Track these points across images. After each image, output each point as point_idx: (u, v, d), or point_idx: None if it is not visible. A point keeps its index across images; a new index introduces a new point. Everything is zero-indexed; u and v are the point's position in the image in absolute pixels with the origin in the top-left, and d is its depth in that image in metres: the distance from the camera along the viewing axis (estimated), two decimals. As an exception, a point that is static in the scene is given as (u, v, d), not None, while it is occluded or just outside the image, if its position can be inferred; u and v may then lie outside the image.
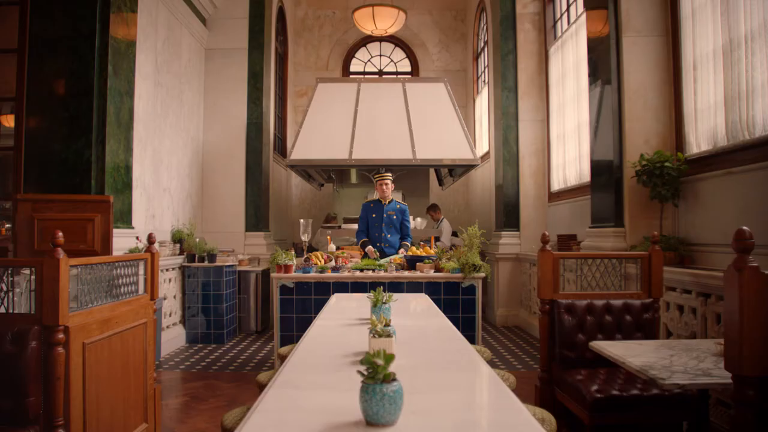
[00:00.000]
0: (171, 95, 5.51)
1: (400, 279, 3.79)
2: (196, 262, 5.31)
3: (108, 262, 2.37)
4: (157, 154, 5.19)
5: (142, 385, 2.60)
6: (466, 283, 3.74)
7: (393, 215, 4.60)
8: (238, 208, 6.39)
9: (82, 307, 2.15)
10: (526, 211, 6.34)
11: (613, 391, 2.38)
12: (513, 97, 6.38)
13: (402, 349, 1.71)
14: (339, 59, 9.25)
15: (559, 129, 5.88)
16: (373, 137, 5.72)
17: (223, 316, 5.31)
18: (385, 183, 4.56)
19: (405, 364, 1.53)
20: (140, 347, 2.59)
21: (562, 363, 2.76)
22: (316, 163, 5.66)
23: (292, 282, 3.78)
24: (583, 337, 2.76)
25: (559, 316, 2.79)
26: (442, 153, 5.57)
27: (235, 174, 6.40)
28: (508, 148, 6.39)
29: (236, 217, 6.38)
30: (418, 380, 1.41)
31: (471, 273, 3.70)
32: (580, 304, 2.81)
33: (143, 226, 4.78)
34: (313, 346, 1.82)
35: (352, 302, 3.01)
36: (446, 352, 1.78)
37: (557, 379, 2.75)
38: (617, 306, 2.81)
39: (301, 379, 1.43)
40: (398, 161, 5.53)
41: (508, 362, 4.52)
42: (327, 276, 3.79)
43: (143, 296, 2.66)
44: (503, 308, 6.37)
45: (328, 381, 1.41)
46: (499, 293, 6.38)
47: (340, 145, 5.60)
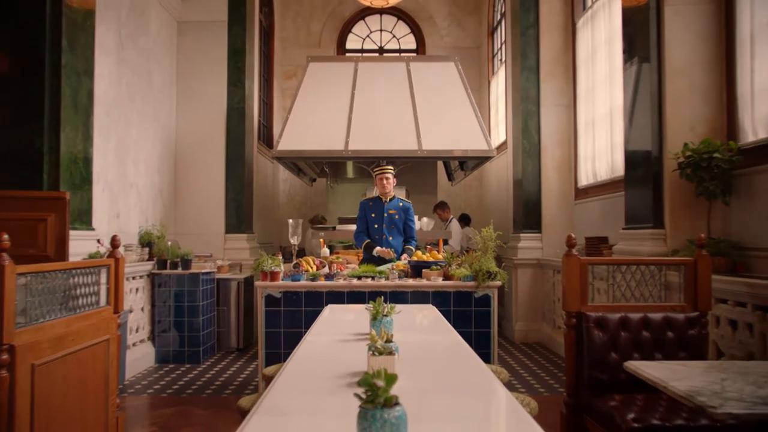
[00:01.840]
0: (138, 75, 5.51)
1: (403, 288, 3.79)
2: (168, 269, 5.31)
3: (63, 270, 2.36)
4: (122, 144, 5.18)
5: (103, 413, 2.58)
6: (479, 292, 3.74)
7: (395, 215, 4.60)
8: (217, 206, 6.39)
9: (32, 322, 2.14)
10: (548, 210, 6.33)
11: (653, 421, 2.36)
12: (534, 79, 6.37)
13: (406, 368, 1.71)
14: (333, 35, 9.25)
15: (587, 115, 5.87)
16: (372, 125, 5.72)
17: (199, 332, 5.30)
18: (386, 177, 4.57)
19: (409, 386, 1.53)
20: (101, 369, 2.57)
21: (592, 386, 2.74)
22: (306, 155, 5.66)
23: (279, 291, 3.78)
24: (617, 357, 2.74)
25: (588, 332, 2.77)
26: (452, 143, 5.57)
27: (213, 167, 6.40)
28: (529, 137, 6.38)
29: (215, 217, 6.38)
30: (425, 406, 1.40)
31: (485, 281, 3.70)
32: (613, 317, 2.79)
33: (106, 227, 4.77)
34: (304, 366, 1.82)
35: (348, 315, 3.00)
36: (457, 373, 1.78)
37: (586, 405, 2.73)
38: (657, 320, 2.79)
39: (290, 403, 1.43)
40: (401, 153, 5.54)
41: (528, 385, 4.50)
42: (320, 284, 3.79)
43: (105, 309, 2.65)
44: (523, 322, 6.36)
45: (321, 406, 1.41)
46: (517, 305, 6.38)
47: (335, 134, 5.60)
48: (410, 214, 4.69)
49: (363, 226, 4.64)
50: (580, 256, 2.84)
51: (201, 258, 5.66)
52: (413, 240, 4.70)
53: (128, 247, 4.98)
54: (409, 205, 4.71)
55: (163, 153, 6.11)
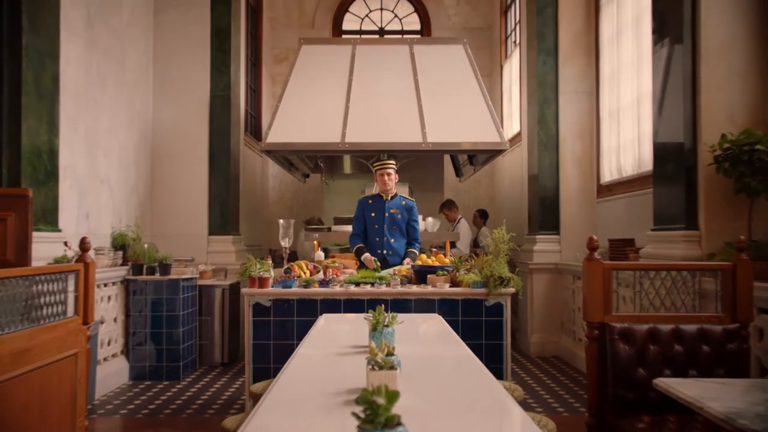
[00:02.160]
0: (110, 59, 5.51)
1: (406, 295, 3.80)
2: (145, 275, 5.31)
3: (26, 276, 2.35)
4: (92, 135, 5.18)
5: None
6: (490, 300, 3.76)
7: (397, 214, 4.61)
8: (200, 205, 6.40)
9: (-9, 332, 2.13)
10: (567, 209, 6.34)
11: (686, 444, 2.35)
12: (552, 63, 6.38)
13: (409, 385, 1.72)
14: (328, 14, 9.26)
15: (612, 103, 5.87)
16: (372, 115, 5.73)
17: (179, 345, 5.30)
18: (387, 173, 4.58)
19: (413, 405, 1.54)
20: (68, 386, 2.56)
21: (617, 406, 2.73)
22: (299, 148, 5.68)
23: (268, 299, 3.79)
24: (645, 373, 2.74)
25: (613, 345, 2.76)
26: (461, 135, 5.59)
27: (195, 161, 6.41)
28: (546, 128, 6.39)
29: (197, 217, 6.39)
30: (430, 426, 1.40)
31: (497, 288, 3.72)
32: (640, 329, 2.78)
33: (74, 228, 4.77)
34: (296, 382, 1.83)
35: (345, 325, 3.01)
36: (466, 390, 1.79)
37: (611, 426, 2.72)
38: (690, 332, 2.78)
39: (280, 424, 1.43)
40: (404, 145, 5.55)
41: (546, 403, 4.50)
42: (313, 291, 3.80)
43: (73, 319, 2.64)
44: (539, 334, 6.38)
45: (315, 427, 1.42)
46: (533, 314, 6.38)
47: (330, 125, 5.61)
48: (414, 214, 4.70)
49: (360, 227, 4.66)
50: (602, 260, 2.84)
51: (181, 262, 5.66)
52: (417, 242, 4.71)
53: (99, 250, 4.98)
54: (412, 204, 4.72)
55: (138, 145, 6.11)
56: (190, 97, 6.44)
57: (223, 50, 6.47)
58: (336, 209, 7.25)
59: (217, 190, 6.42)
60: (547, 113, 6.39)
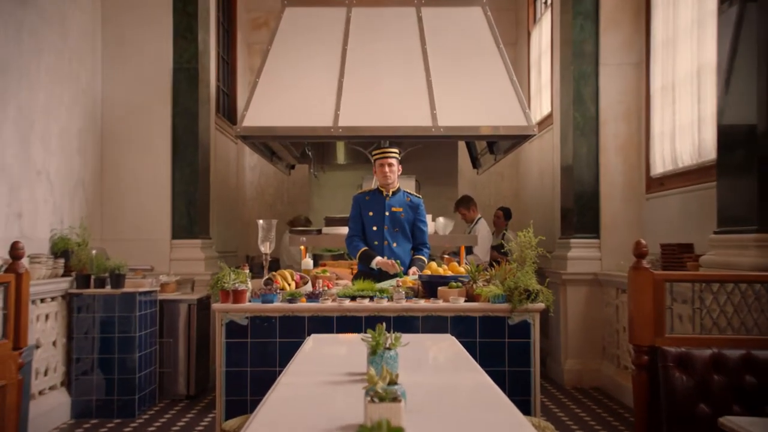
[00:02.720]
0: (47, 21, 5.50)
1: (412, 312, 3.81)
2: (92, 288, 5.31)
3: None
4: (24, 114, 5.16)
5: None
6: (515, 318, 3.77)
7: (400, 213, 4.62)
8: (161, 202, 6.41)
9: None
10: (609, 207, 6.36)
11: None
12: (591, 28, 6.40)
13: (416, 420, 1.73)
14: (317, -31, 9.27)
15: (665, 77, 5.85)
16: (370, 93, 5.73)
17: (135, 373, 5.30)
18: (388, 163, 4.59)
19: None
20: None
21: (674, 449, 2.72)
22: (282, 133, 5.71)
23: (245, 317, 3.81)
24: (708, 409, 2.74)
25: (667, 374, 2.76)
26: (479, 117, 5.60)
27: (155, 149, 6.42)
28: (583, 108, 6.40)
29: (157, 217, 6.40)
30: (444, 473, 1.39)
31: (523, 303, 3.72)
32: (702, 355, 2.79)
33: (2, 230, 4.76)
34: (279, 418, 1.84)
35: (338, 348, 3.06)
36: (485, 428, 1.79)
37: (667, 475, 2.71)
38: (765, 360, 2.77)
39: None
40: (410, 130, 5.56)
41: (585, 449, 4.50)
42: (300, 307, 3.82)
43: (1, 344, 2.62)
44: (575, 359, 6.39)
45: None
46: (567, 335, 6.40)
47: (320, 105, 5.62)
48: (421, 213, 4.70)
49: (358, 228, 4.66)
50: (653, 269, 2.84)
51: (138, 272, 5.66)
52: (425, 247, 4.72)
53: (35, 257, 4.96)
54: (419, 201, 4.72)
55: (85, 129, 6.10)
56: (149, 69, 6.45)
57: (189, 13, 6.48)
58: (327, 207, 7.27)
59: (182, 185, 6.43)
60: (585, 90, 6.39)
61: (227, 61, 8.28)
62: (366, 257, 4.53)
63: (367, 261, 4.52)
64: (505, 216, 7.67)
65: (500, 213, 7.72)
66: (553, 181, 7.17)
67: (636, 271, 2.86)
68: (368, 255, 4.53)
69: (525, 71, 8.68)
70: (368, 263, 4.50)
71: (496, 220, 7.69)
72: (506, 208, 7.83)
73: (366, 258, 4.53)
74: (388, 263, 4.40)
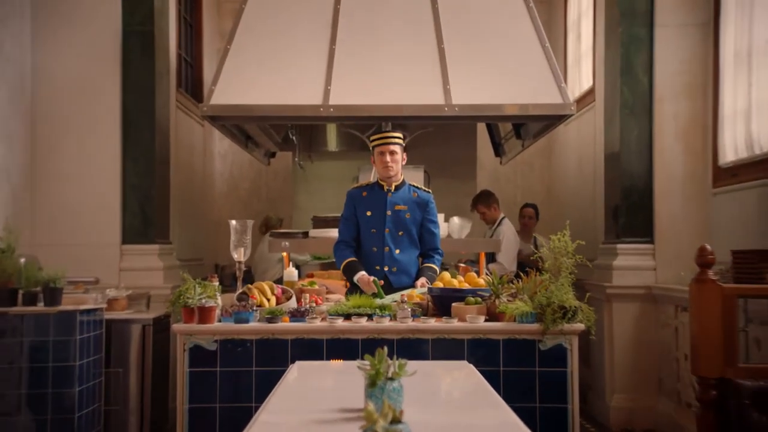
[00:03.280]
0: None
1: (420, 333, 3.80)
2: (20, 305, 5.23)
3: None
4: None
5: None
6: (548, 342, 3.77)
7: (405, 212, 4.63)
8: (109, 198, 6.38)
9: None
10: (666, 205, 6.32)
11: None
12: (645, -20, 6.35)
13: None
14: None
15: (740, 41, 5.76)
16: (368, 64, 5.72)
17: (74, 413, 5.25)
18: (390, 151, 4.60)
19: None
20: None
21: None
22: (260, 113, 5.67)
23: (213, 340, 3.80)
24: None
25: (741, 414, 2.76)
26: (502, 93, 5.57)
27: (100, 133, 6.38)
28: (633, 82, 6.36)
29: (104, 217, 6.36)
30: None
31: (557, 323, 3.72)
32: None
33: None
34: None
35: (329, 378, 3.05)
36: None
37: None
38: None
39: None
40: (417, 109, 5.53)
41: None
42: (282, 328, 3.81)
43: None
44: (623, 394, 6.35)
45: None
46: (614, 364, 6.36)
47: (307, 80, 5.61)
48: (431, 212, 4.71)
49: (351, 231, 4.68)
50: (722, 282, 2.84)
51: (79, 286, 5.64)
52: (436, 254, 4.73)
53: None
54: (428, 197, 4.73)
55: (10, 107, 6.07)
56: (91, 33, 6.38)
57: (142, -39, 6.44)
58: (315, 205, 7.26)
59: (135, 177, 6.39)
60: (636, 59, 6.35)
61: (191, 24, 8.26)
62: (349, 270, 4.54)
63: (350, 274, 4.54)
64: (536, 215, 7.65)
65: (530, 211, 7.65)
66: (594, 173, 7.14)
67: (700, 285, 2.85)
68: (352, 268, 4.53)
69: (561, 36, 8.66)
70: (351, 277, 4.52)
71: (526, 220, 7.62)
72: (533, 205, 7.79)
73: (349, 271, 4.54)
74: (366, 281, 4.37)
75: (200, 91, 8.14)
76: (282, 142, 7.48)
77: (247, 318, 3.84)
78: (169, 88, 6.91)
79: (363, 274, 4.45)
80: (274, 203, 8.98)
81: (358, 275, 4.46)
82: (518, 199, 8.74)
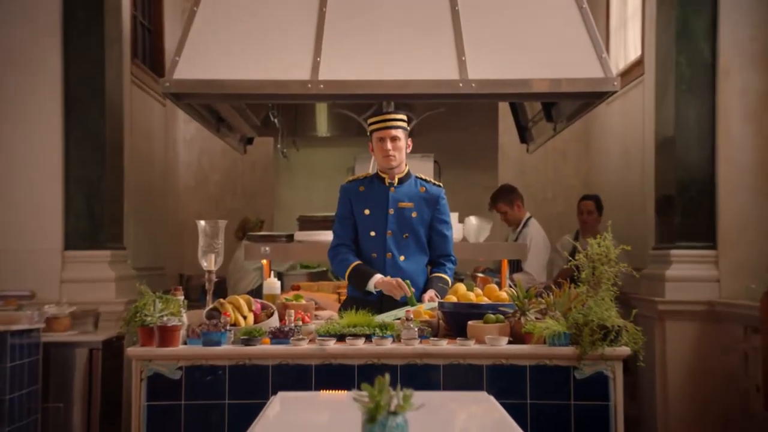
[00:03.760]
0: None
1: (429, 358, 3.80)
2: (-64, 325, 5.26)
3: None
4: None
5: None
6: (585, 370, 3.76)
7: (411, 210, 4.64)
8: (47, 194, 6.38)
9: None
10: (732, 201, 6.30)
11: None
12: None
13: None
14: None
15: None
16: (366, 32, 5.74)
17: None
18: (392, 137, 4.60)
19: None
20: None
21: None
22: (234, 90, 5.66)
23: (177, 367, 3.79)
24: None
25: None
26: (530, 66, 5.57)
27: (36, 113, 6.38)
28: (691, 50, 6.35)
29: (41, 217, 6.36)
30: None
31: (597, 346, 3.70)
32: None
33: None
34: None
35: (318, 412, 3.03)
36: None
37: None
38: None
39: None
40: (426, 86, 5.53)
41: None
42: (261, 351, 3.80)
43: None
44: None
45: None
46: (667, 396, 6.35)
47: (292, 50, 5.63)
48: (442, 210, 4.72)
49: (348, 231, 4.68)
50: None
51: (10, 301, 5.65)
52: (449, 262, 4.74)
53: None
54: (439, 192, 4.74)
55: None
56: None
57: None
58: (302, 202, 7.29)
59: (80, 168, 6.39)
60: (694, 23, 6.33)
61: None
62: (359, 276, 4.53)
63: (361, 282, 4.52)
64: (598, 210, 7.40)
65: (590, 204, 7.42)
66: (643, 163, 7.13)
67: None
68: (362, 273, 4.53)
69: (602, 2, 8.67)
70: (363, 285, 4.51)
71: (585, 216, 7.44)
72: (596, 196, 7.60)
73: (359, 277, 4.53)
74: (392, 283, 4.38)
75: (161, 62, 8.15)
76: (261, 125, 7.49)
77: (219, 340, 3.82)
78: (122, 59, 6.90)
79: (381, 277, 4.45)
80: (252, 200, 8.98)
81: (375, 279, 4.46)
82: (548, 195, 8.76)
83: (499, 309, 4.00)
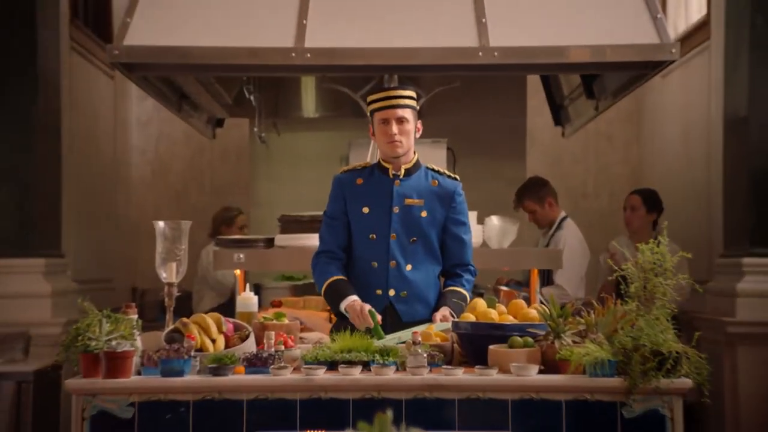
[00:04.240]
0: None
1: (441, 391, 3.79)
2: None
3: None
4: None
5: None
6: (635, 406, 3.74)
7: (420, 208, 4.66)
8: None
9: None
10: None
11: None
12: None
13: None
14: None
15: None
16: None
17: None
18: (397, 118, 4.60)
19: None
20: None
21: None
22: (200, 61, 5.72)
23: (129, 403, 3.77)
24: None
25: None
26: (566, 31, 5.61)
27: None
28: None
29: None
30: None
31: (651, 377, 3.68)
32: None
33: None
34: None
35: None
36: None
37: None
38: None
39: None
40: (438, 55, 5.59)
41: None
42: (234, 383, 3.80)
43: None
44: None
45: None
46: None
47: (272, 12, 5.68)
48: (458, 209, 4.76)
49: (338, 236, 4.72)
50: None
51: None
52: (467, 273, 4.77)
53: None
54: (455, 187, 4.77)
55: None
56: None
57: None
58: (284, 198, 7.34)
59: (6, 156, 6.46)
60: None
61: None
62: (334, 294, 4.56)
63: (335, 301, 4.54)
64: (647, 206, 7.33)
65: (636, 200, 7.38)
66: (709, 150, 7.17)
67: None
68: (337, 290, 4.55)
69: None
70: (336, 306, 4.54)
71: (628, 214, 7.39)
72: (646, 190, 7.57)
73: (334, 295, 4.56)
74: (356, 310, 4.37)
75: (108, 25, 8.20)
76: (234, 104, 7.56)
77: (181, 369, 3.79)
78: (59, 20, 6.94)
79: (354, 299, 4.45)
80: (223, 195, 9.01)
81: (346, 302, 4.46)
82: (589, 189, 8.79)
83: (528, 330, 3.99)
